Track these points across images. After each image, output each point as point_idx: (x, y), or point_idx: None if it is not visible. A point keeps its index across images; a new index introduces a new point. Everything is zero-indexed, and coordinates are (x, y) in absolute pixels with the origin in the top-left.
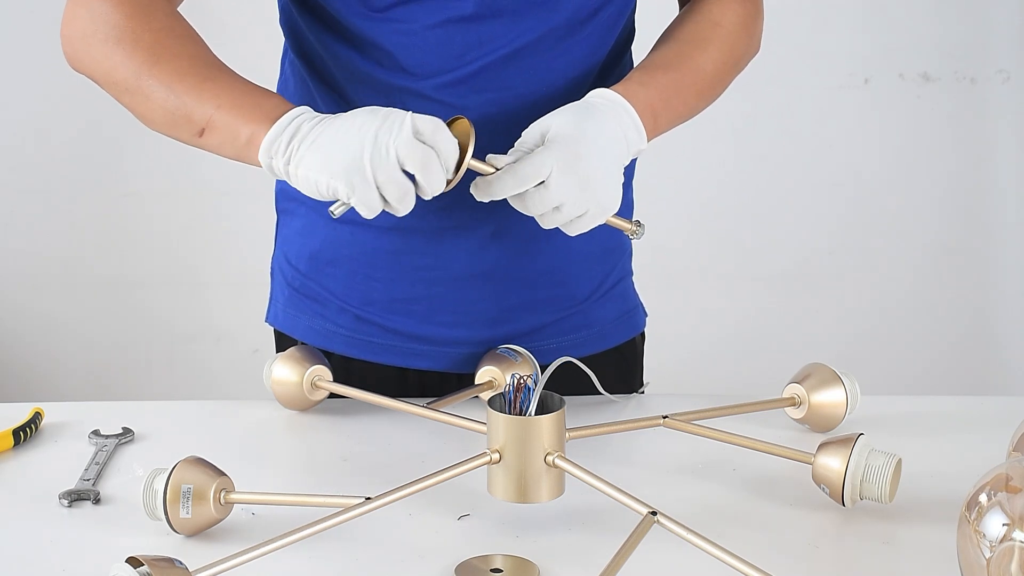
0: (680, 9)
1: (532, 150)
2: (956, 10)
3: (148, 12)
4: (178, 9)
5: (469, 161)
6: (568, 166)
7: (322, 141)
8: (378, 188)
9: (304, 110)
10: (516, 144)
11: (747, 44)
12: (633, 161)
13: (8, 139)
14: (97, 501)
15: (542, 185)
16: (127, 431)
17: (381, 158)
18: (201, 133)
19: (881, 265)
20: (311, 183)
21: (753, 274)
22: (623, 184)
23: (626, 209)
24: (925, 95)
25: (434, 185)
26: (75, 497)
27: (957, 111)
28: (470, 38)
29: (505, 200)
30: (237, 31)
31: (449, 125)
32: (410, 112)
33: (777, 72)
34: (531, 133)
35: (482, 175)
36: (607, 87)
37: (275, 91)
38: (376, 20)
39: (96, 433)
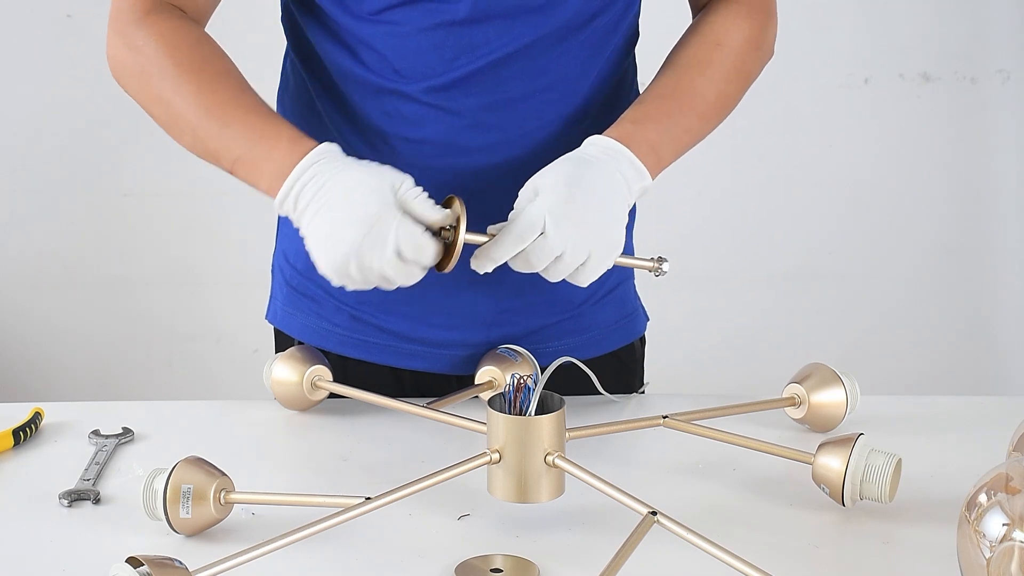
0: (693, 15)
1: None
2: (956, 10)
3: (173, 43)
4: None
5: (464, 237)
6: (562, 212)
7: (318, 224)
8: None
9: (311, 163)
10: (514, 209)
11: (756, 58)
12: (633, 209)
13: (8, 139)
14: (97, 501)
15: (541, 236)
16: (127, 431)
17: (366, 271)
18: (231, 173)
19: (881, 265)
20: (316, 258)
21: (753, 274)
22: (625, 226)
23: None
24: (925, 95)
25: (416, 282)
26: (75, 497)
27: (957, 111)
28: (462, 42)
29: (499, 202)
30: (240, 29)
31: (443, 205)
32: (395, 224)
33: (777, 72)
34: (525, 193)
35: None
36: (613, 103)
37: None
38: (369, 23)
39: (96, 433)
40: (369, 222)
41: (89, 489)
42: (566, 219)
